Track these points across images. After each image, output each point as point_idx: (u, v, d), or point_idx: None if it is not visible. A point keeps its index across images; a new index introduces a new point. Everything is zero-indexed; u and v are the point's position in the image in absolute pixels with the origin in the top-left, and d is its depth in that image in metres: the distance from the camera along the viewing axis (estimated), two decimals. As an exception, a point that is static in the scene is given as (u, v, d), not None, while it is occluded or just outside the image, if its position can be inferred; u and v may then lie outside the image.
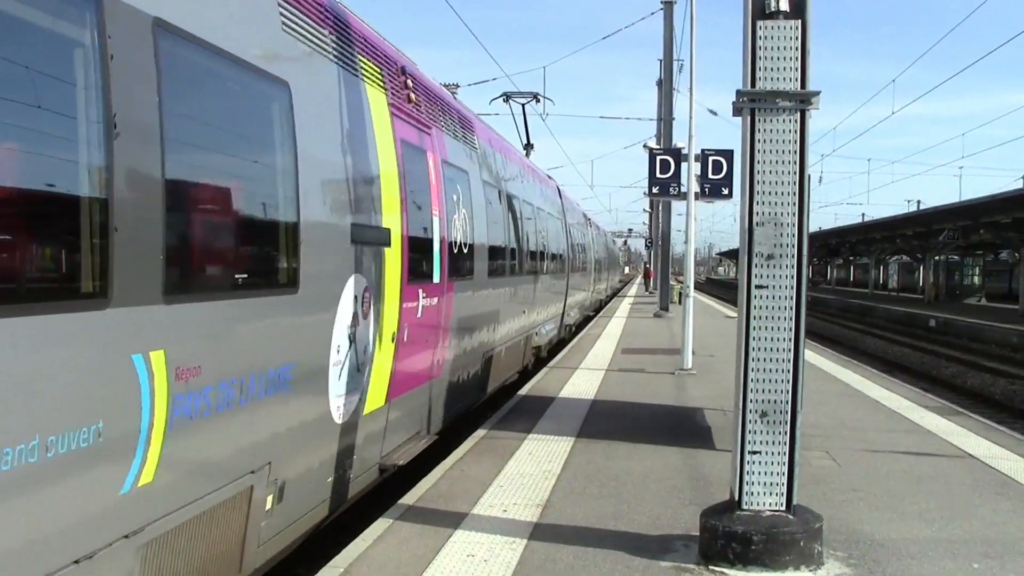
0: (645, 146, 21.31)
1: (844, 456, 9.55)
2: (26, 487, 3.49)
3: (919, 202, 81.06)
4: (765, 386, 6.10)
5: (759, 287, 6.10)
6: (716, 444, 10.02)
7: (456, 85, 16.65)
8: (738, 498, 6.12)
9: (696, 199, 16.28)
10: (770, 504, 6.10)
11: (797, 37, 6.05)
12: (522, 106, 22.95)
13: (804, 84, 6.05)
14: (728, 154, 15.72)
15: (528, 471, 8.76)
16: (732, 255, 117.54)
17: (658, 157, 16.61)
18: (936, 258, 58.63)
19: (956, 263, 66.14)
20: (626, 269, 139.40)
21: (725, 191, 15.89)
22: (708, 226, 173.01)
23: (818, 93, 6.05)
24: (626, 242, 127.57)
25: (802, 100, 6.05)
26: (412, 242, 8.31)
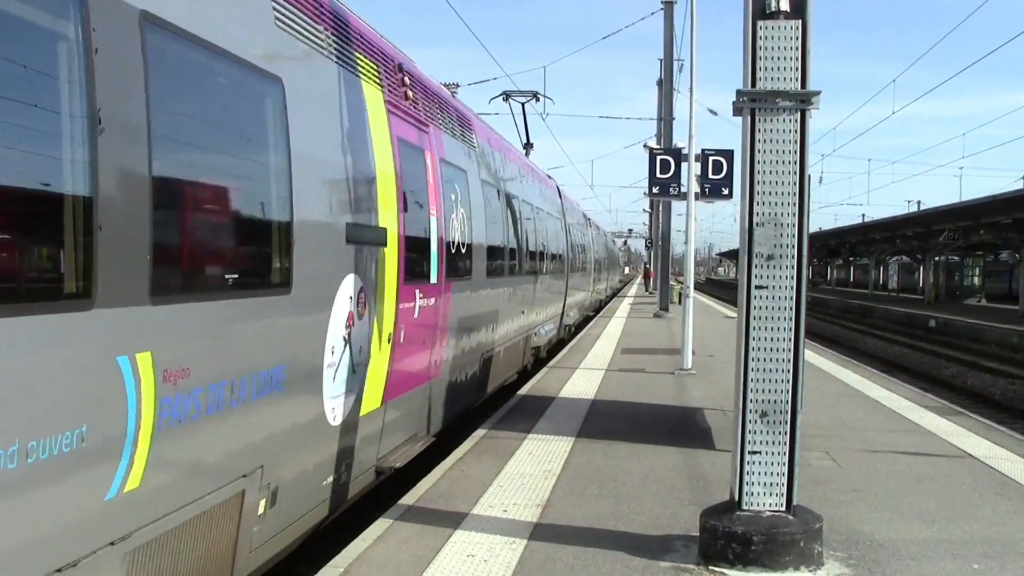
0: (645, 146, 21.31)
1: (844, 456, 9.55)
2: (5, 494, 3.41)
3: (919, 202, 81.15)
4: (765, 386, 6.10)
5: (759, 287, 6.10)
6: (716, 444, 10.02)
7: (456, 85, 16.60)
8: (738, 498, 6.12)
9: (696, 199, 16.28)
10: (770, 504, 6.10)
11: (797, 37, 6.05)
12: (522, 105, 22.86)
13: (804, 84, 6.05)
14: (728, 154, 15.72)
15: (528, 471, 8.76)
16: (732, 255, 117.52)
17: (658, 157, 16.61)
18: (936, 259, 58.66)
19: (956, 264, 66.15)
20: (626, 269, 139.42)
21: (725, 191, 15.88)
22: (708, 226, 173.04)
23: (818, 93, 6.04)
24: (626, 242, 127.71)
25: (802, 100, 6.05)
26: (409, 242, 8.21)
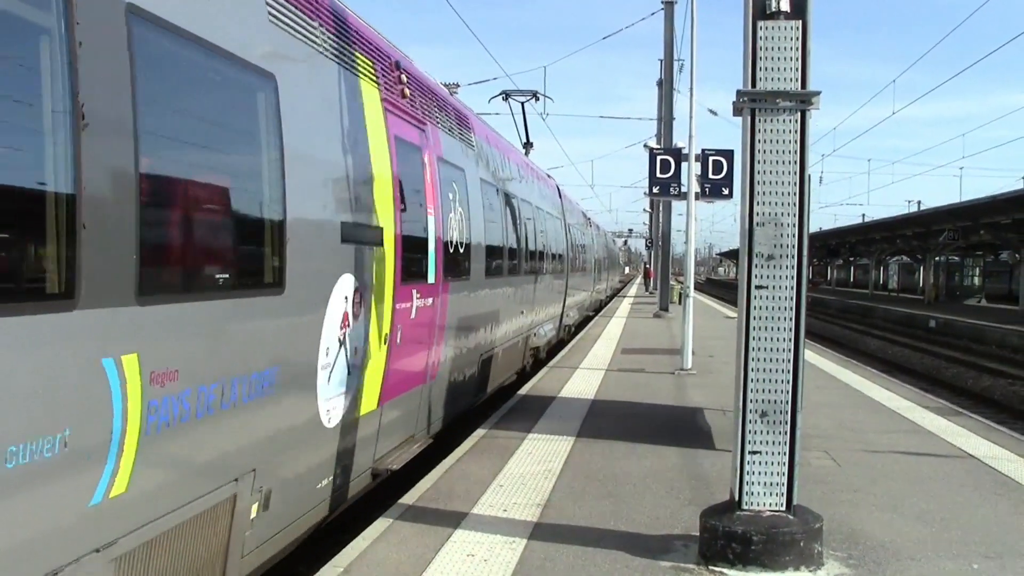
0: (645, 146, 21.33)
1: (844, 456, 9.55)
2: None
3: (919, 203, 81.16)
4: (765, 386, 6.10)
5: (759, 287, 6.10)
6: (716, 444, 10.02)
7: (456, 84, 16.60)
8: (738, 498, 6.12)
9: (696, 199, 16.27)
10: (770, 504, 6.10)
11: (798, 37, 6.05)
12: (521, 104, 22.80)
13: (804, 84, 6.05)
14: (728, 154, 15.71)
15: (528, 471, 8.76)
16: (732, 255, 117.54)
17: (658, 157, 16.60)
18: (936, 259, 58.67)
19: (956, 264, 66.21)
20: (626, 269, 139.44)
21: (725, 191, 15.87)
22: (708, 226, 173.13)
23: (818, 93, 6.04)
24: (626, 242, 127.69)
25: (802, 100, 6.05)
26: (406, 241, 8.12)
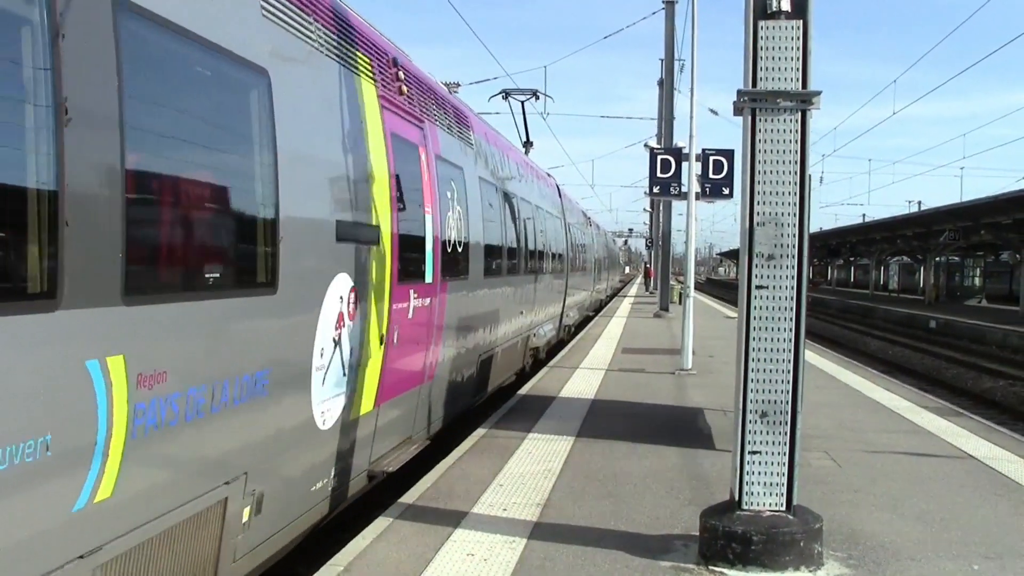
0: (646, 145, 21.31)
1: (844, 457, 9.55)
2: None
3: (920, 203, 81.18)
4: (765, 386, 6.09)
5: (759, 287, 6.10)
6: (716, 444, 10.02)
7: (457, 84, 16.63)
8: (738, 498, 6.11)
9: (697, 199, 16.27)
10: (770, 504, 6.10)
11: (798, 37, 6.04)
12: (521, 103, 22.71)
13: (805, 84, 6.04)
14: (729, 154, 15.71)
15: (528, 470, 8.76)
16: (733, 255, 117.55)
17: (659, 157, 16.60)
18: (937, 259, 58.66)
19: (956, 264, 66.22)
20: (626, 269, 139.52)
21: (726, 191, 15.88)
22: (709, 226, 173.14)
23: (819, 93, 6.04)
24: (626, 242, 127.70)
25: (803, 100, 6.04)
26: (403, 240, 8.03)
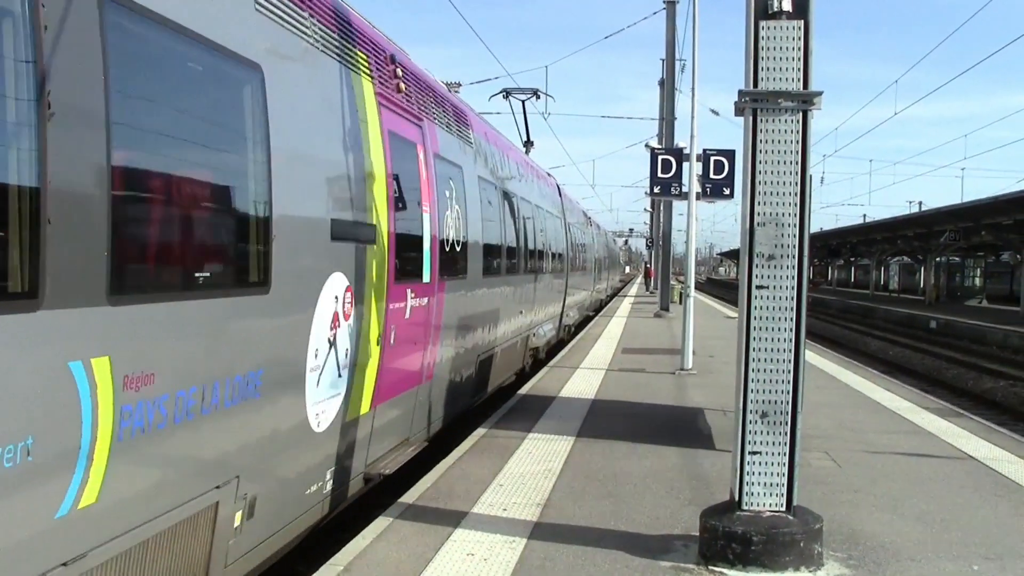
0: (647, 146, 21.26)
1: (844, 457, 9.55)
2: None
3: (920, 203, 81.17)
4: (765, 386, 6.09)
5: (760, 287, 6.10)
6: (716, 444, 10.02)
7: (458, 84, 16.61)
8: (738, 498, 6.11)
9: (697, 199, 16.26)
10: (770, 505, 6.10)
11: (800, 37, 6.04)
12: (522, 103, 22.63)
13: (806, 84, 6.04)
14: (730, 154, 15.71)
15: (528, 470, 8.76)
16: (733, 255, 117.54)
17: (660, 157, 16.59)
18: (937, 259, 58.65)
19: (957, 265, 66.20)
20: (627, 269, 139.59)
21: (726, 191, 15.87)
22: (709, 226, 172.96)
23: (820, 93, 6.04)
24: (627, 242, 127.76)
25: (804, 100, 6.04)
26: (400, 239, 7.94)
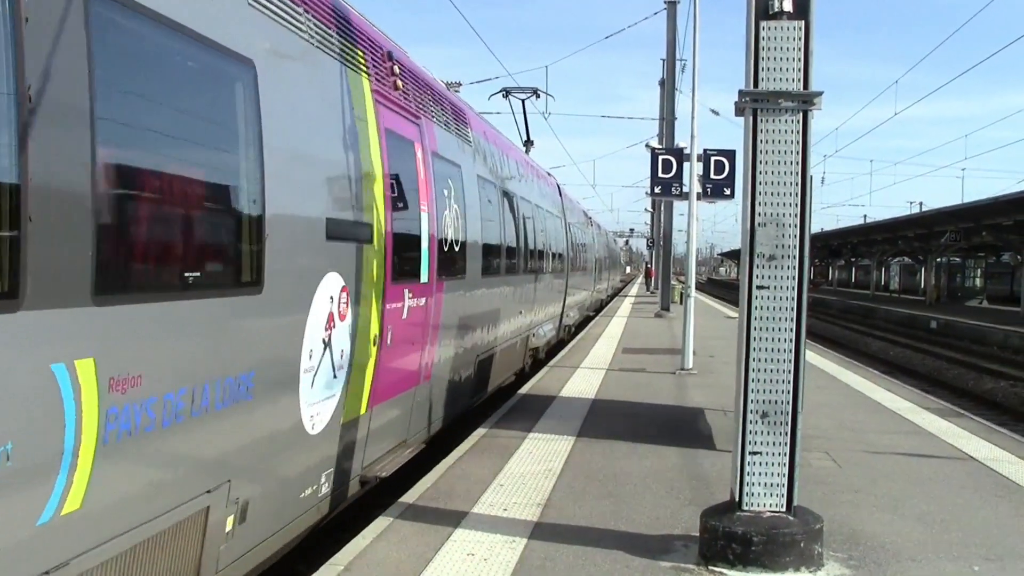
0: (647, 146, 21.29)
1: (845, 457, 9.55)
2: None
3: (921, 204, 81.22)
4: (766, 387, 6.09)
5: (760, 288, 6.09)
6: (716, 444, 10.02)
7: (458, 83, 16.63)
8: (738, 499, 6.11)
9: (698, 199, 16.26)
10: (770, 505, 6.10)
11: (800, 38, 6.04)
12: (522, 102, 22.52)
13: (807, 85, 6.04)
14: (730, 154, 15.71)
15: (528, 470, 8.76)
16: (734, 255, 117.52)
17: (660, 157, 16.58)
18: (938, 260, 58.63)
19: (958, 265, 66.17)
20: (627, 269, 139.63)
21: (727, 191, 15.87)
22: (710, 226, 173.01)
23: (821, 94, 6.03)
24: (627, 242, 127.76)
25: (805, 101, 6.04)
26: (397, 239, 7.86)
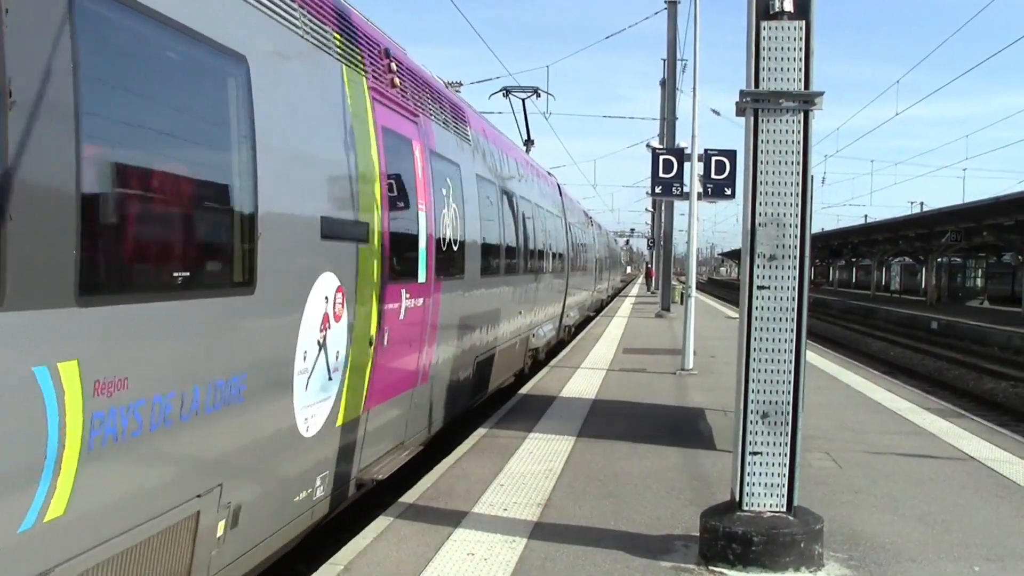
0: (648, 146, 21.25)
1: (845, 458, 9.54)
2: None
3: (922, 204, 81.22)
4: (766, 387, 6.09)
5: (761, 288, 6.09)
6: (717, 444, 10.02)
7: (459, 83, 16.60)
8: (739, 499, 6.11)
9: (699, 199, 16.26)
10: (771, 505, 6.10)
11: (801, 38, 6.04)
12: (522, 101, 22.40)
13: (808, 85, 6.04)
14: (731, 154, 15.71)
15: (529, 470, 8.76)
16: (734, 255, 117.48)
17: (661, 157, 16.57)
18: (939, 260, 58.62)
19: (958, 265, 66.15)
20: (628, 269, 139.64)
21: (728, 191, 15.86)
22: (710, 226, 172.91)
23: (821, 94, 6.03)
24: (628, 242, 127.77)
25: (805, 101, 6.04)
26: (394, 238, 7.76)
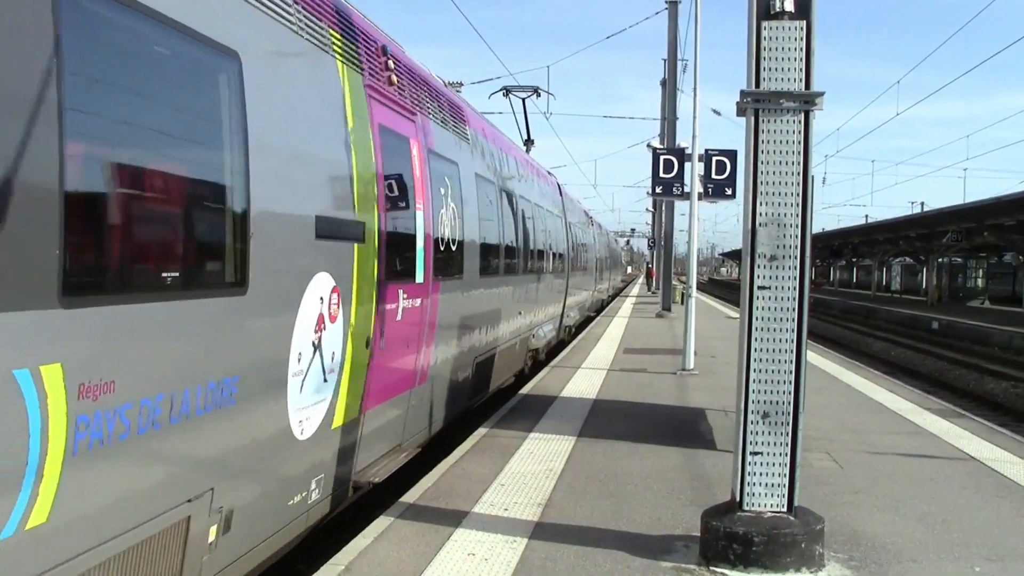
0: (649, 146, 21.29)
1: (846, 458, 9.54)
2: None
3: (923, 204, 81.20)
4: (767, 387, 6.09)
5: (762, 288, 6.09)
6: (717, 445, 10.02)
7: (460, 83, 16.61)
8: (739, 499, 6.11)
9: (699, 199, 16.26)
10: (771, 505, 6.10)
11: (802, 38, 6.04)
12: (523, 101, 22.38)
13: (808, 85, 6.04)
14: (732, 154, 15.70)
15: (529, 470, 8.76)
16: (735, 256, 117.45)
17: (662, 157, 16.56)
18: (939, 260, 58.61)
19: (959, 265, 66.13)
20: (628, 269, 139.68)
21: (728, 191, 15.85)
22: (711, 226, 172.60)
23: (822, 94, 6.03)
24: (628, 242, 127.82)
25: (806, 101, 6.04)
26: (391, 238, 7.67)
